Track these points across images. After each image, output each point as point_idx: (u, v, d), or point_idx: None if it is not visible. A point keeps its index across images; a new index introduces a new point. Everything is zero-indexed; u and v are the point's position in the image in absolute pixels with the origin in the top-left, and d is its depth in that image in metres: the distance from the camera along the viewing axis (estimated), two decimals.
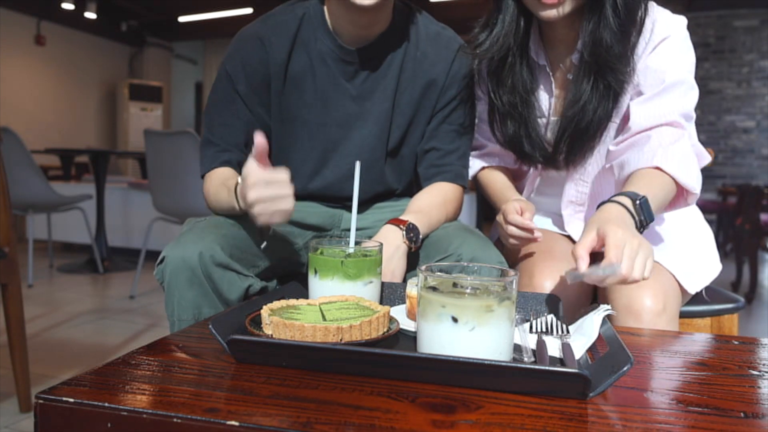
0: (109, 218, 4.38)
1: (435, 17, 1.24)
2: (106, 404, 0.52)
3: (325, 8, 1.14)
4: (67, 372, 2.09)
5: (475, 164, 1.31)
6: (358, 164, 0.94)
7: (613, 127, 1.15)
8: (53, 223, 4.40)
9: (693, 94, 1.10)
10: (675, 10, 1.12)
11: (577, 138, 1.13)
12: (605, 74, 1.08)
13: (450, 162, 1.21)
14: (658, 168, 1.03)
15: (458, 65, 1.20)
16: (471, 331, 0.62)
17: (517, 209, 1.09)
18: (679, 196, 1.08)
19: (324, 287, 0.85)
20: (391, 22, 1.15)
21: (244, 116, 1.17)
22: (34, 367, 1.96)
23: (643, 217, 0.95)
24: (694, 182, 1.05)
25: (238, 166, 1.14)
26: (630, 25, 1.06)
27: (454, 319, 0.62)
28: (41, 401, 0.53)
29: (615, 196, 0.97)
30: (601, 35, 1.05)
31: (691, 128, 1.13)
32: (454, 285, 0.65)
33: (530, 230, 1.07)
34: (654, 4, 1.11)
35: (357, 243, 0.90)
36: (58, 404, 0.53)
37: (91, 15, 7.22)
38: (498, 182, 1.27)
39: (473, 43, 1.18)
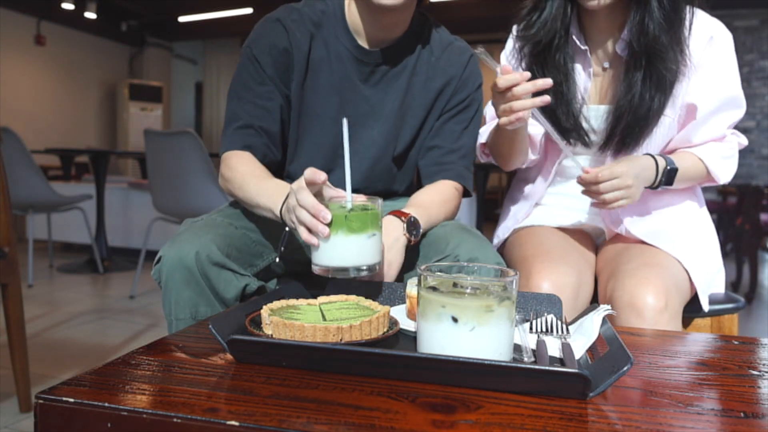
0: (109, 218, 4.38)
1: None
2: (106, 404, 0.52)
3: (346, 7, 1.16)
4: (67, 372, 2.09)
5: (489, 126, 1.31)
6: (345, 121, 0.93)
7: (666, 121, 1.18)
8: (53, 223, 4.40)
9: (742, 110, 1.21)
10: None
11: (634, 126, 1.17)
12: (656, 63, 1.13)
13: (452, 161, 1.21)
14: (699, 159, 1.19)
15: (470, 71, 1.22)
16: (471, 331, 0.62)
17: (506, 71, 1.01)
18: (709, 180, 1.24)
19: (331, 243, 0.87)
20: (409, 27, 1.16)
21: (277, 99, 1.15)
22: (34, 367, 1.96)
23: (663, 179, 1.14)
24: (724, 176, 1.21)
25: (263, 155, 1.15)
26: (675, 16, 1.12)
27: (454, 319, 0.62)
28: (41, 401, 0.53)
29: (657, 154, 1.16)
30: (647, 27, 1.12)
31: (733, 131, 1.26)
32: (454, 285, 0.65)
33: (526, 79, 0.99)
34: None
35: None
36: (58, 404, 0.53)
37: (91, 15, 7.21)
38: None
39: (522, 25, 1.23)
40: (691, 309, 1.16)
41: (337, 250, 0.87)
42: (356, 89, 1.16)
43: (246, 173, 1.08)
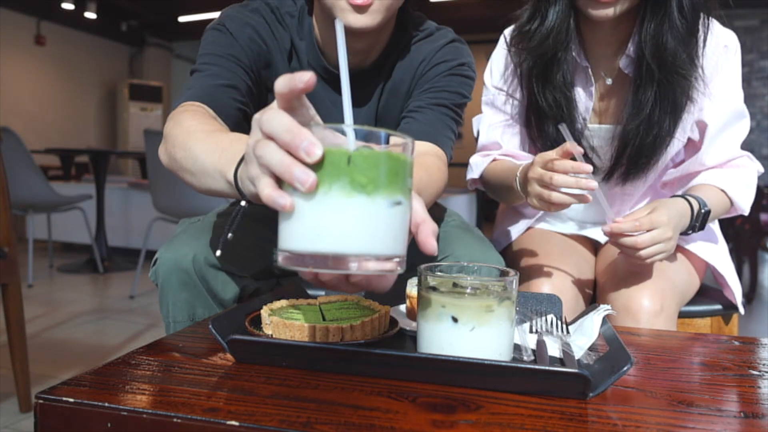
0: (109, 218, 4.38)
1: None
2: (106, 404, 0.52)
3: (314, 24, 1.04)
4: (67, 372, 2.09)
5: (483, 162, 1.19)
6: (338, 22, 0.60)
7: (676, 144, 1.10)
8: (53, 223, 4.40)
9: (747, 120, 1.12)
10: None
11: (643, 153, 1.06)
12: (672, 82, 1.01)
13: (422, 121, 1.05)
14: (722, 190, 1.07)
15: (444, 53, 1.08)
16: (471, 331, 0.62)
17: (560, 152, 0.88)
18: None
19: (316, 205, 0.47)
20: (385, 48, 1.06)
21: (250, 77, 1.00)
22: (34, 367, 1.96)
23: (697, 224, 1.01)
24: (747, 206, 1.10)
25: (228, 122, 0.94)
26: (694, 26, 1.01)
27: (454, 319, 0.62)
28: (41, 401, 0.53)
29: (688, 195, 1.02)
30: (665, 39, 0.98)
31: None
32: (454, 285, 0.65)
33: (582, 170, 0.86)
34: None
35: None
36: (58, 404, 0.53)
37: (91, 15, 7.23)
38: (509, 163, 1.12)
39: (519, 36, 1.10)
40: (728, 306, 1.17)
41: (329, 221, 0.47)
42: (327, 111, 1.05)
43: (194, 127, 0.79)
